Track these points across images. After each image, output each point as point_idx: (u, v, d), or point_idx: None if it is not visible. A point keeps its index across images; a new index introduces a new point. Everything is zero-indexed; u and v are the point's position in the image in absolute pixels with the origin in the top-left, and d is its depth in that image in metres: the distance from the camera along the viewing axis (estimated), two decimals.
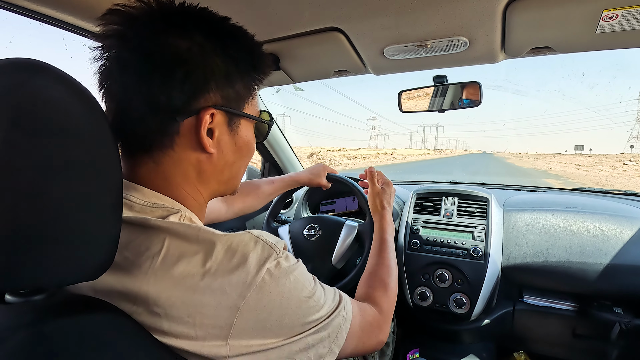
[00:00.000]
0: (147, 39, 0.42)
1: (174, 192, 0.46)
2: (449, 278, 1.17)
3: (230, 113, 0.47)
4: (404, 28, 0.84)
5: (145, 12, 0.42)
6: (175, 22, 0.43)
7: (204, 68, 0.43)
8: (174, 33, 0.42)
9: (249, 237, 0.42)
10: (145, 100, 0.42)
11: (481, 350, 1.28)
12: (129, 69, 0.42)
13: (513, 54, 0.95)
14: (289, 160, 1.68)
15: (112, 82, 0.43)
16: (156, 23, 0.42)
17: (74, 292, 0.40)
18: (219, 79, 0.45)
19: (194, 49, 0.43)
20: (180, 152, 0.45)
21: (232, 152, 0.50)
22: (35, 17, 0.75)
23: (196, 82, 0.43)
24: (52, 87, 0.32)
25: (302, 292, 0.43)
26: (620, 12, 0.70)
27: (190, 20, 0.44)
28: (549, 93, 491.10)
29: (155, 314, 0.37)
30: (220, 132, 0.47)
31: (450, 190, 1.34)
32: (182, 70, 0.42)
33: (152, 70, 0.41)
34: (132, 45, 0.42)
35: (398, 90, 1.22)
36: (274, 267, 0.41)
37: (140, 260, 0.39)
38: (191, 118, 0.44)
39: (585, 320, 1.13)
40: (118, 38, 0.42)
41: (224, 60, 0.45)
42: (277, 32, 0.91)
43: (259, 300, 0.39)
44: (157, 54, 0.41)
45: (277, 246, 0.43)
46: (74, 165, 0.32)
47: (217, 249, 0.39)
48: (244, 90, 0.49)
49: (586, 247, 1.08)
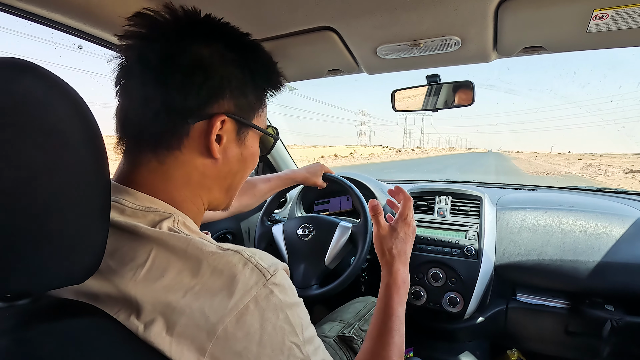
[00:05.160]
0: (171, 41, 0.44)
1: (172, 194, 0.46)
2: (442, 277, 1.18)
3: (240, 122, 0.48)
4: (396, 27, 0.84)
5: (173, 17, 0.45)
6: (200, 31, 0.45)
7: (222, 76, 0.45)
8: (198, 40, 0.45)
9: (238, 258, 0.39)
10: (161, 99, 0.43)
11: (475, 349, 1.29)
12: (149, 67, 0.43)
13: (505, 53, 0.95)
14: (283, 158, 1.68)
15: (130, 78, 0.44)
16: (182, 28, 0.44)
17: (58, 296, 0.39)
18: (234, 88, 0.46)
19: (215, 57, 0.45)
20: (187, 154, 0.46)
21: (237, 161, 0.50)
22: (50, 25, 0.77)
23: (213, 87, 0.45)
24: (37, 86, 0.31)
25: (290, 336, 0.39)
26: (611, 11, 0.71)
27: (213, 30, 0.47)
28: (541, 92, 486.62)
29: (138, 317, 0.36)
30: (228, 139, 0.48)
31: (444, 189, 1.34)
32: (201, 75, 0.44)
33: (173, 71, 0.43)
34: (156, 46, 0.43)
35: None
36: (262, 297, 0.37)
37: (124, 270, 0.38)
38: (202, 122, 0.45)
39: (578, 318, 1.14)
40: (142, 38, 0.44)
41: (241, 71, 0.47)
42: (270, 31, 0.90)
43: (237, 329, 0.36)
44: (180, 56, 0.43)
45: (268, 271, 0.39)
46: (59, 166, 0.32)
47: (203, 268, 0.38)
48: (256, 102, 0.50)
49: (578, 245, 1.09)
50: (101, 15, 0.78)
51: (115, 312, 0.36)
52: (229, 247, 0.41)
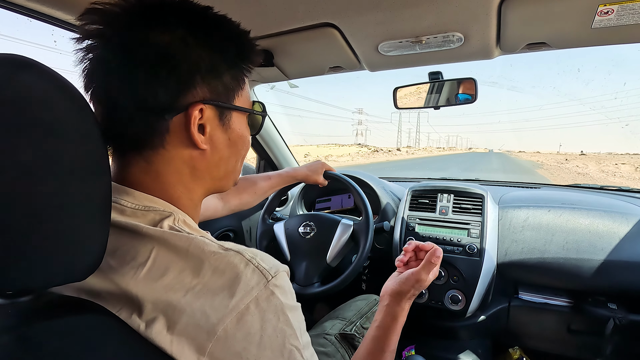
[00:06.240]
0: (126, 36, 0.40)
1: (167, 192, 0.45)
2: (444, 275, 1.17)
3: (220, 107, 0.46)
4: (398, 23, 0.83)
5: (123, 8, 0.41)
6: (154, 17, 0.41)
7: (188, 62, 0.42)
8: (154, 28, 0.40)
9: (240, 259, 0.39)
10: (131, 100, 0.40)
11: (477, 347, 1.28)
12: (111, 70, 0.40)
13: (508, 49, 0.94)
14: (284, 156, 1.68)
15: (97, 84, 0.42)
16: (135, 19, 0.41)
17: (60, 293, 0.39)
18: (204, 72, 0.43)
19: (175, 43, 0.41)
20: (172, 150, 0.44)
21: (227, 146, 0.48)
22: (22, 12, 0.74)
23: (181, 77, 0.41)
24: (37, 83, 0.31)
25: (290, 339, 0.38)
26: (616, 7, 0.70)
27: (170, 13, 0.42)
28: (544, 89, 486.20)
29: (140, 315, 0.36)
30: (212, 127, 0.45)
31: (446, 187, 1.34)
32: (165, 67, 0.40)
33: (135, 69, 0.40)
34: (113, 44, 0.40)
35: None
36: (263, 298, 0.37)
37: (125, 269, 0.38)
38: (180, 115, 0.42)
39: (580, 316, 1.14)
40: (99, 37, 0.40)
41: (208, 52, 0.43)
42: (271, 28, 0.90)
43: (237, 330, 0.35)
44: (138, 51, 0.40)
45: (269, 272, 0.39)
46: (59, 163, 0.32)
47: (204, 268, 0.38)
48: (233, 82, 0.47)
49: (581, 243, 1.08)
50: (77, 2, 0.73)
51: (117, 310, 0.36)
52: (230, 247, 0.40)
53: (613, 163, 38.24)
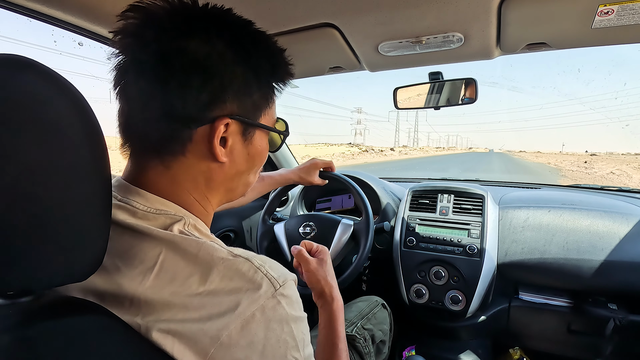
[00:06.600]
0: (166, 41, 0.40)
1: (180, 198, 0.45)
2: (444, 275, 1.17)
3: (245, 123, 0.46)
4: (398, 24, 0.83)
5: (167, 12, 0.41)
6: (197, 26, 0.41)
7: (222, 77, 0.42)
8: (194, 37, 0.40)
9: (249, 266, 0.39)
10: (160, 105, 0.40)
11: (477, 347, 1.28)
12: (145, 72, 0.40)
13: (508, 50, 0.94)
14: (283, 155, 1.67)
15: (127, 82, 0.42)
16: (177, 25, 0.41)
17: (61, 294, 0.39)
18: (236, 88, 0.43)
19: (213, 57, 0.41)
20: (192, 158, 0.44)
21: (245, 161, 0.48)
22: (22, 12, 0.74)
23: (213, 90, 0.41)
24: (37, 83, 0.31)
25: (292, 350, 0.38)
26: (616, 7, 0.70)
27: (212, 25, 0.42)
28: (545, 89, 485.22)
29: (143, 317, 0.36)
30: (234, 141, 0.45)
31: (446, 187, 1.34)
32: (200, 78, 0.40)
33: (169, 76, 0.40)
34: (151, 48, 0.40)
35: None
36: (269, 307, 0.37)
37: (132, 272, 0.38)
38: (205, 126, 0.42)
39: (580, 316, 1.14)
40: (136, 37, 0.41)
41: (243, 69, 0.43)
42: (270, 28, 0.89)
43: (241, 337, 0.35)
44: (175, 58, 0.40)
45: (277, 281, 0.38)
46: (59, 163, 0.32)
47: (213, 274, 0.37)
48: (262, 101, 0.47)
49: (582, 243, 1.08)
50: (98, 9, 0.75)
51: (120, 311, 0.36)
52: (239, 254, 0.40)
53: None
